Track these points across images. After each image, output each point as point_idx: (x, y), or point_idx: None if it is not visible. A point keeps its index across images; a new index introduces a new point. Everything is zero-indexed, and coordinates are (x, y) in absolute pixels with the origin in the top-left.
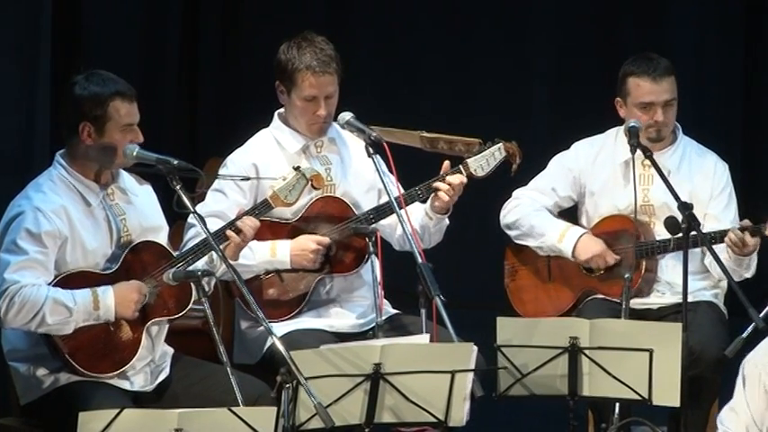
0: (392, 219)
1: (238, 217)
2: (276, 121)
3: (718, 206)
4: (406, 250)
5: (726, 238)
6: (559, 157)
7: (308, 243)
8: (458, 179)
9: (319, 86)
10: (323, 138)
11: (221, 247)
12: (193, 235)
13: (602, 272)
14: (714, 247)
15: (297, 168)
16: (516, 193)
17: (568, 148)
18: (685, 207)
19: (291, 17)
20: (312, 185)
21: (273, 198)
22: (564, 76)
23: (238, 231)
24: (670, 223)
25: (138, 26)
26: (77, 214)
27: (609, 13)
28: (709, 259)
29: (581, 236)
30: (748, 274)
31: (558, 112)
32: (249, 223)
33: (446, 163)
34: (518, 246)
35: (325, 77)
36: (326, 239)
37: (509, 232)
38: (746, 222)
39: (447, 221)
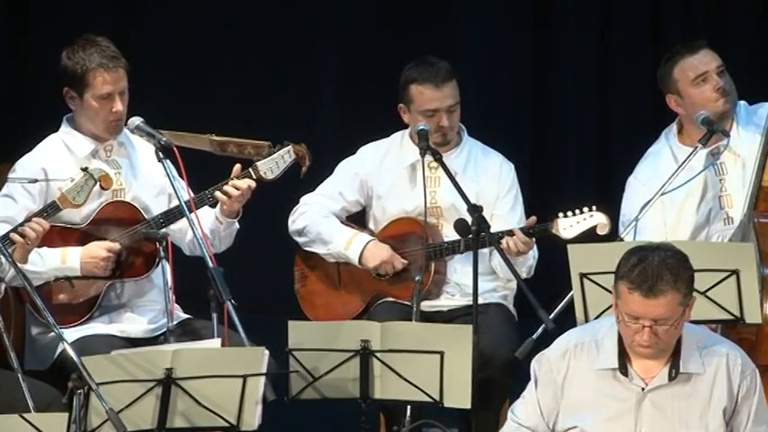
0: (182, 223)
1: (27, 219)
2: (65, 125)
3: (504, 207)
4: (196, 255)
5: (503, 242)
6: (346, 161)
7: (98, 250)
8: (246, 183)
9: (113, 82)
10: (112, 142)
11: (9, 251)
12: None
13: (391, 275)
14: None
15: (85, 169)
16: (304, 199)
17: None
18: (475, 209)
19: (79, 22)
20: (101, 186)
21: (62, 199)
22: (352, 77)
23: (23, 235)
24: (460, 226)
25: None
26: None
27: (396, 12)
28: (496, 260)
29: (367, 243)
30: (525, 274)
31: (346, 114)
32: (34, 225)
33: (236, 166)
34: (307, 251)
35: (118, 72)
36: (117, 246)
37: (297, 239)
38: (532, 221)
39: (237, 225)
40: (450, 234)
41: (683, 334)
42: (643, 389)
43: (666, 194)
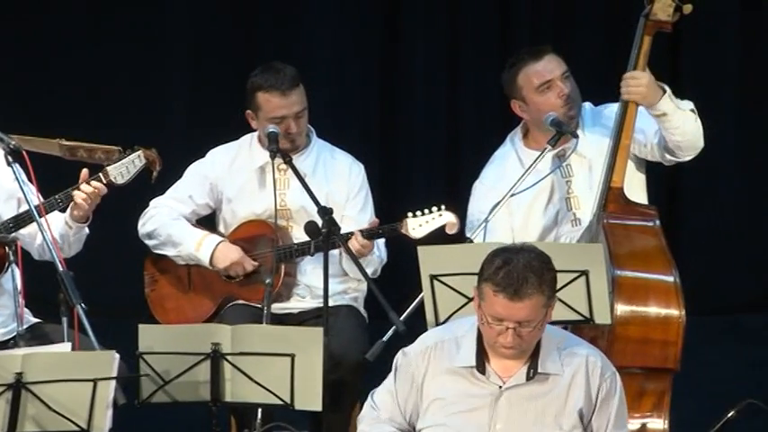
0: (32, 228)
1: None
2: None
3: (354, 208)
4: (45, 259)
5: (353, 242)
6: (195, 164)
7: None
8: (96, 187)
9: None
10: None
11: None
12: None
13: (241, 278)
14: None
15: None
16: (154, 202)
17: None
18: (324, 212)
19: None
20: None
21: None
22: (202, 80)
23: None
24: (310, 228)
25: None
26: None
27: (246, 14)
28: (347, 262)
29: (218, 244)
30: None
31: (197, 118)
32: None
33: (84, 171)
34: (158, 255)
35: None
36: None
37: (148, 242)
38: (375, 222)
39: (87, 230)
40: (300, 236)
41: (542, 335)
42: (500, 387)
43: (513, 197)
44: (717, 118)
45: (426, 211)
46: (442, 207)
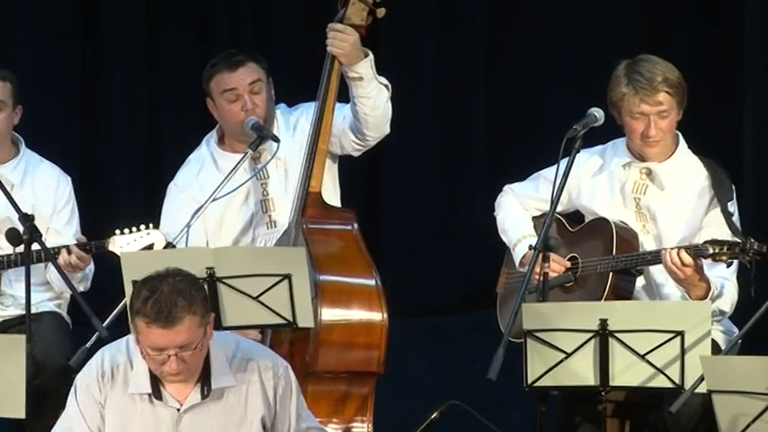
0: None
1: None
2: None
3: (60, 221)
4: None
5: (60, 259)
6: None
7: None
8: None
9: None
10: None
11: None
12: None
13: None
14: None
15: None
16: None
17: None
18: (26, 218)
19: None
20: None
21: None
22: None
23: None
24: (11, 234)
25: None
26: None
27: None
28: (52, 274)
29: None
30: (82, 288)
31: None
32: None
33: None
34: None
35: None
36: None
37: None
38: (82, 239)
39: None
40: (4, 246)
41: (210, 348)
42: (178, 410)
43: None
44: (416, 118)
45: (135, 229)
46: (150, 226)
